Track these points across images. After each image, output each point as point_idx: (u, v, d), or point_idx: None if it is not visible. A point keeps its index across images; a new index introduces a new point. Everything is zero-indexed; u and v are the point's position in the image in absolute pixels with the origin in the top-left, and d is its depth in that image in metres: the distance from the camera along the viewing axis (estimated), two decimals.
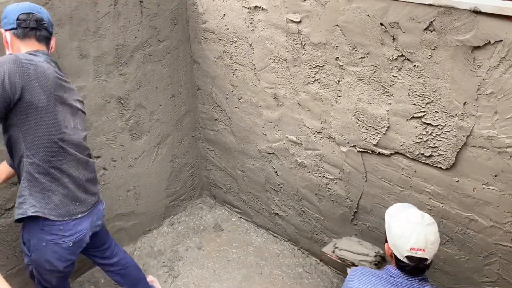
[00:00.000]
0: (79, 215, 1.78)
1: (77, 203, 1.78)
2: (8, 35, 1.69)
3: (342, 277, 2.65)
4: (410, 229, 1.54)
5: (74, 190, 1.76)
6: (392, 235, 1.59)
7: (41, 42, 1.73)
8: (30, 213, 1.67)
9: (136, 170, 2.71)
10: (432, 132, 1.83)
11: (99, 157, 2.45)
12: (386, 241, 1.64)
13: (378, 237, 2.28)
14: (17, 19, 1.67)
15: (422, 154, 1.90)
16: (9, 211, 2.15)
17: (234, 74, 2.54)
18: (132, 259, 2.31)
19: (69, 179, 1.74)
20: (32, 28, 1.69)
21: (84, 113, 1.89)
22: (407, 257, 1.52)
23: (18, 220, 1.72)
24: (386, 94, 1.90)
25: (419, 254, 1.51)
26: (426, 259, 1.52)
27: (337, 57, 1.99)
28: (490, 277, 1.93)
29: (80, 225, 1.80)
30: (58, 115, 1.67)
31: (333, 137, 2.22)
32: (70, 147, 1.73)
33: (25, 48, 1.69)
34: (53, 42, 1.80)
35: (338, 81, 2.05)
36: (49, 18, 1.77)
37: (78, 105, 1.81)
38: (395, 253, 1.57)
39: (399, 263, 1.57)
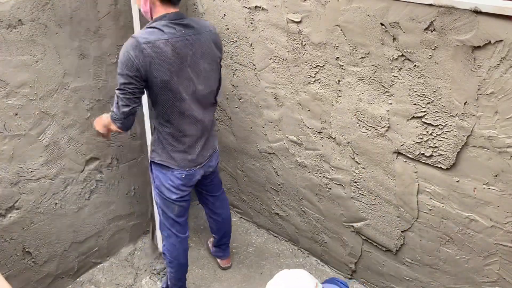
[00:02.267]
0: (190, 170, 2.06)
1: (191, 161, 2.05)
2: None
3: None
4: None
5: (191, 151, 2.04)
6: None
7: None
8: (156, 161, 2.03)
9: (137, 170, 2.71)
10: (432, 132, 1.83)
11: (98, 158, 2.45)
12: None
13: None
14: None
15: (423, 154, 1.90)
16: (9, 211, 2.15)
17: (234, 74, 2.54)
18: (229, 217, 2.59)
19: (190, 140, 2.01)
20: None
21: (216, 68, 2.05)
22: None
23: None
24: (387, 94, 1.90)
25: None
26: None
27: (337, 57, 1.99)
28: (491, 277, 1.93)
29: (191, 171, 2.08)
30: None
31: (333, 137, 2.22)
32: (191, 113, 1.96)
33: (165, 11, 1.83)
34: None
35: (339, 81, 2.05)
36: None
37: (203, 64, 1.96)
38: None
39: None
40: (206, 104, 2.01)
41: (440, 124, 1.79)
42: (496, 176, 1.73)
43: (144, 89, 1.85)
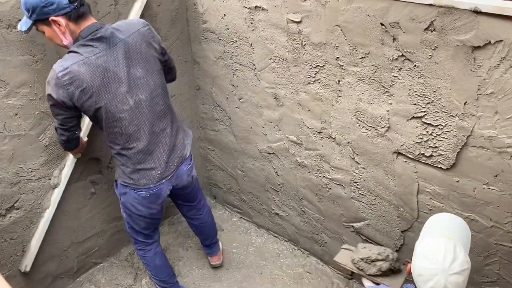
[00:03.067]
0: (150, 185, 1.98)
1: (148, 177, 1.97)
2: (62, 21, 1.66)
3: (342, 277, 2.65)
4: (431, 272, 1.35)
5: (152, 162, 1.97)
6: (413, 266, 1.42)
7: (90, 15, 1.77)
8: (120, 181, 2.01)
9: None
10: (432, 132, 1.83)
11: (98, 158, 2.45)
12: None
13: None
14: (65, 2, 1.63)
15: (423, 154, 1.90)
16: (9, 211, 2.15)
17: (234, 74, 2.54)
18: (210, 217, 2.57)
19: (145, 156, 1.95)
20: (81, 4, 1.69)
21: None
22: None
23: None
24: (387, 94, 1.90)
25: None
26: None
27: (337, 57, 1.99)
28: (491, 277, 1.93)
29: (154, 188, 2.01)
30: None
31: (333, 137, 2.22)
32: (140, 127, 1.94)
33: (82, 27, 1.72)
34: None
35: (339, 81, 2.05)
36: None
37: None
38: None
39: None
40: (156, 112, 1.89)
41: (440, 124, 1.79)
42: (496, 176, 1.73)
43: (80, 115, 1.84)
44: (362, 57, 1.90)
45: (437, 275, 1.33)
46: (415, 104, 1.83)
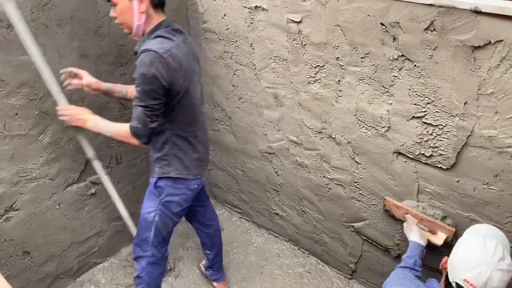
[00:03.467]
0: (201, 174, 2.05)
1: (202, 164, 2.04)
2: (143, 5, 1.72)
3: (343, 277, 2.65)
4: (478, 261, 1.37)
5: (203, 153, 2.03)
6: (457, 254, 1.44)
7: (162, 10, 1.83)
8: (172, 175, 1.95)
9: (137, 170, 2.71)
10: (432, 132, 1.83)
11: (98, 158, 2.45)
12: (448, 255, 1.50)
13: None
14: None
15: (423, 154, 1.90)
16: (9, 211, 2.15)
17: (234, 74, 2.54)
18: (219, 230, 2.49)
19: (201, 145, 2.00)
20: None
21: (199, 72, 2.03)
22: (457, 284, 1.39)
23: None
24: (387, 94, 1.90)
25: None
26: None
27: (337, 57, 1.99)
28: None
29: (201, 177, 2.08)
30: (192, 91, 1.86)
31: (333, 137, 2.22)
32: (200, 115, 1.96)
33: (159, 19, 1.78)
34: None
35: (339, 81, 2.05)
36: None
37: (197, 67, 1.93)
38: (448, 272, 1.45)
39: (446, 283, 1.45)
40: (201, 106, 2.01)
41: (440, 124, 1.79)
42: (496, 176, 1.73)
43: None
44: (362, 57, 1.90)
45: (484, 265, 1.35)
46: (415, 104, 1.83)
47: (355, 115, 2.07)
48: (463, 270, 1.38)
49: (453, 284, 1.41)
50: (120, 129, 1.82)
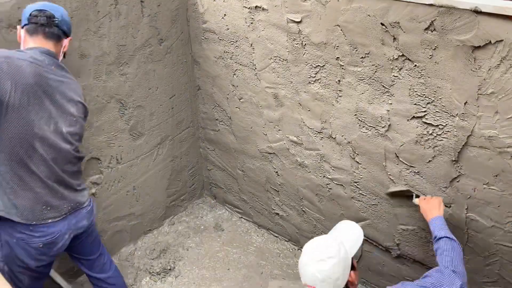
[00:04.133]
0: (49, 220, 1.73)
1: (48, 208, 1.72)
2: (22, 32, 1.75)
3: None
4: (301, 264, 1.52)
5: (44, 195, 1.70)
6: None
7: (49, 40, 1.74)
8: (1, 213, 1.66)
9: (137, 170, 2.71)
10: (432, 132, 1.83)
11: (98, 158, 2.45)
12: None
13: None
14: (30, 15, 1.72)
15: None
16: None
17: (234, 74, 2.54)
18: (123, 283, 2.18)
19: (39, 183, 1.68)
20: (42, 24, 1.72)
21: (82, 117, 1.84)
22: None
23: None
24: (387, 94, 1.90)
25: None
26: None
27: (337, 57, 1.99)
28: (491, 277, 1.93)
29: (54, 227, 1.75)
30: (31, 114, 1.62)
31: (333, 137, 2.22)
32: (43, 150, 1.66)
33: (33, 44, 1.72)
34: (66, 42, 1.82)
35: (339, 81, 2.05)
36: (64, 17, 1.79)
37: (71, 108, 1.76)
38: None
39: None
40: (55, 142, 1.71)
41: (440, 124, 1.79)
42: (496, 176, 1.72)
43: None
44: (362, 57, 1.90)
45: (305, 264, 1.50)
46: (415, 104, 1.83)
47: (355, 115, 2.07)
48: (301, 277, 1.51)
49: None
50: None
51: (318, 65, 2.09)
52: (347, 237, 1.63)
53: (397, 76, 1.83)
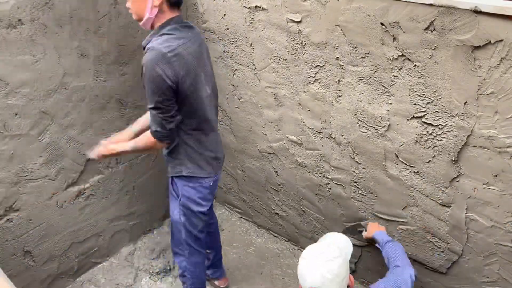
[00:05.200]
0: (216, 171, 2.05)
1: (217, 162, 2.05)
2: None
3: None
4: (306, 267, 1.51)
5: (215, 150, 2.02)
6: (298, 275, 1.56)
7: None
8: (185, 173, 1.95)
9: (137, 170, 2.71)
10: (432, 132, 1.83)
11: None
12: None
13: None
14: None
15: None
16: (9, 211, 2.15)
17: (234, 74, 2.54)
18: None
19: (213, 143, 2.00)
20: None
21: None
22: None
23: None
24: (387, 94, 1.90)
25: None
26: None
27: (337, 57, 1.99)
28: (491, 277, 1.93)
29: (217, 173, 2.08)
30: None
31: (333, 137, 2.22)
32: (210, 114, 1.94)
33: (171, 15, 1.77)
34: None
35: (339, 81, 2.05)
36: None
37: (208, 67, 1.93)
38: None
39: None
40: (213, 105, 2.00)
41: (440, 124, 1.79)
42: (496, 176, 1.73)
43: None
44: (362, 57, 1.90)
45: (311, 266, 1.53)
46: (415, 104, 1.83)
47: (355, 115, 2.07)
48: (303, 282, 1.52)
49: None
50: (143, 139, 1.86)
51: (318, 65, 2.09)
52: (339, 243, 1.72)
53: (397, 76, 1.83)
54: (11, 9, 1.85)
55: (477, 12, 1.50)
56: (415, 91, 1.80)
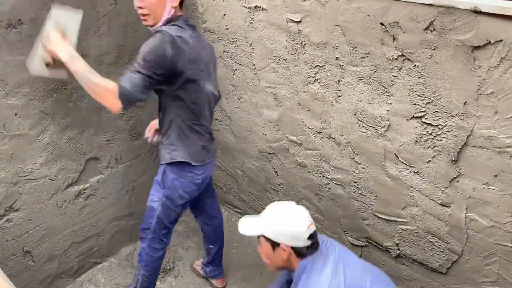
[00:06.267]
0: (207, 161, 2.07)
1: (208, 152, 2.07)
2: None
3: None
4: (296, 212, 1.62)
5: (207, 142, 2.06)
6: (285, 232, 1.58)
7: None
8: (179, 159, 1.97)
9: (136, 170, 2.71)
10: (432, 132, 1.83)
11: (98, 158, 2.45)
12: (275, 246, 1.61)
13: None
14: None
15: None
16: (9, 211, 2.15)
17: (234, 73, 2.54)
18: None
19: (207, 134, 2.04)
20: None
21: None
22: (309, 236, 1.58)
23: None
24: (386, 94, 1.90)
25: (313, 228, 1.61)
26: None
27: (337, 57, 1.99)
28: (490, 277, 1.93)
29: (206, 168, 2.09)
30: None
31: (333, 137, 2.22)
32: (206, 111, 1.99)
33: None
34: None
35: (338, 81, 2.05)
36: None
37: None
38: (296, 245, 1.58)
39: (301, 251, 1.60)
40: (210, 112, 2.05)
41: (440, 124, 1.79)
42: (496, 176, 1.73)
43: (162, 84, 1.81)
44: (362, 57, 1.91)
45: (296, 210, 1.65)
46: (415, 104, 1.83)
47: (355, 115, 2.07)
48: (302, 226, 1.58)
49: (307, 242, 1.59)
50: (102, 83, 1.73)
51: (318, 65, 2.09)
52: None
53: (396, 76, 1.83)
54: (11, 9, 1.85)
55: (477, 12, 1.50)
56: (415, 91, 1.80)
